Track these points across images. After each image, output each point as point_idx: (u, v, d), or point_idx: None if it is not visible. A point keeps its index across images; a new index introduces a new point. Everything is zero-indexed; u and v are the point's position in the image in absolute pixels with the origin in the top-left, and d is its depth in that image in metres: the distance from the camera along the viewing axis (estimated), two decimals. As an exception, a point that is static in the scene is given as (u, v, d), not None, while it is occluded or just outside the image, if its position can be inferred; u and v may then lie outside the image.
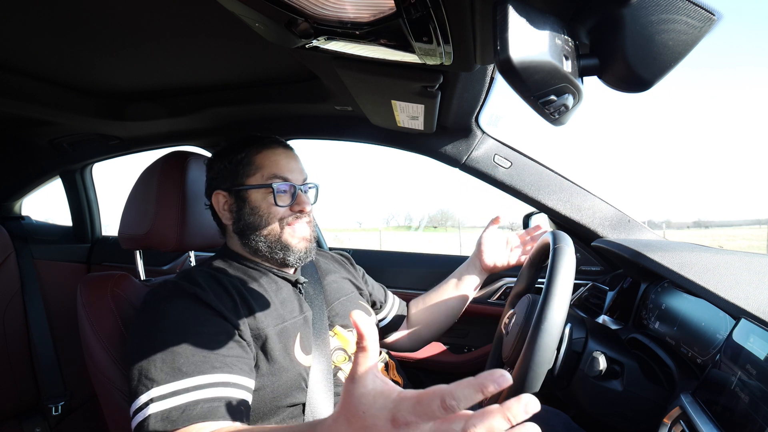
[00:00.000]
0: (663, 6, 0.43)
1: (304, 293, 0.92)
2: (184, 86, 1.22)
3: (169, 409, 0.62)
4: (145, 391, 0.64)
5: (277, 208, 0.88)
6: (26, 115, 1.36)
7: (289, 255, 0.88)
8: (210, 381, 0.65)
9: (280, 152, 0.91)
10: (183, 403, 0.63)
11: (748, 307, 0.60)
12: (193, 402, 0.63)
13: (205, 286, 0.77)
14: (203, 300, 0.74)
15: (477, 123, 1.20)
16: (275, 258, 0.88)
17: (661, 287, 0.95)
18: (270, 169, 0.88)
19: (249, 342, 0.75)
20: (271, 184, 0.87)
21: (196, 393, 0.64)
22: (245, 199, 0.88)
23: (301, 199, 0.90)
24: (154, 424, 0.61)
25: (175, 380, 0.64)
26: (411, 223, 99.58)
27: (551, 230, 0.87)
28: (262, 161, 0.89)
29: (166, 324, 0.71)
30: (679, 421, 0.61)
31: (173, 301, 0.74)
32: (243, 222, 0.89)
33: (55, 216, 2.57)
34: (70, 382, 1.67)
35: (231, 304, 0.77)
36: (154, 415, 0.62)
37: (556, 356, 0.71)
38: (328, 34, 0.61)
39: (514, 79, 0.42)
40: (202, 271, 0.84)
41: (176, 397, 0.63)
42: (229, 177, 0.90)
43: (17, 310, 1.59)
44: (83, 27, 0.85)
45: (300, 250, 0.89)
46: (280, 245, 0.88)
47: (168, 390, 0.64)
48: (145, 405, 0.63)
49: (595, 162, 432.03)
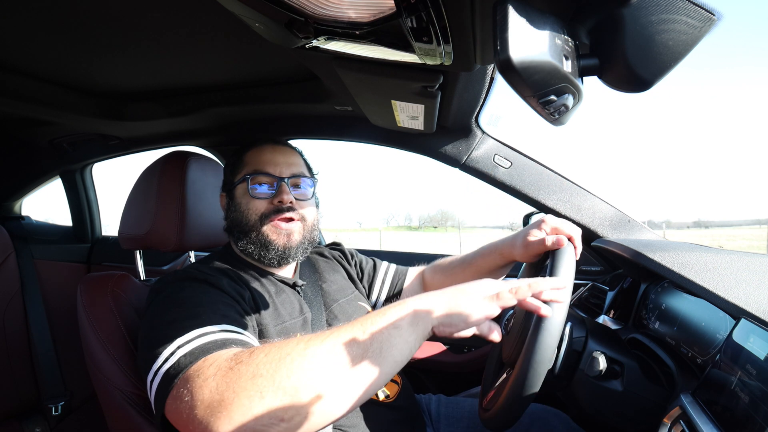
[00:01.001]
0: (663, 6, 0.43)
1: (303, 295, 0.92)
2: (184, 86, 1.22)
3: (199, 345, 0.59)
4: (168, 345, 0.60)
5: (256, 201, 0.86)
6: (26, 115, 1.37)
7: (267, 252, 0.85)
8: (234, 329, 0.65)
9: (266, 148, 0.91)
10: (212, 340, 0.60)
11: (748, 307, 0.60)
12: (223, 339, 0.61)
13: (215, 274, 0.78)
14: (214, 283, 0.74)
15: (477, 123, 1.20)
16: (262, 259, 0.87)
17: (661, 287, 0.95)
18: (252, 165, 0.89)
19: (255, 328, 0.76)
20: (246, 175, 0.87)
21: (223, 334, 0.62)
22: (233, 197, 0.90)
23: (282, 190, 0.86)
24: (184, 360, 0.57)
25: (199, 327, 0.62)
26: (411, 223, 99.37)
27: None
28: (248, 158, 0.91)
29: (183, 296, 0.70)
30: (679, 421, 0.61)
31: (186, 282, 0.74)
32: (229, 220, 0.90)
33: (55, 216, 2.57)
34: (70, 382, 1.67)
35: (238, 292, 0.77)
36: (184, 355, 0.57)
37: (557, 355, 0.71)
38: (328, 34, 0.61)
39: (514, 79, 0.42)
40: (206, 263, 0.85)
41: (204, 337, 0.60)
42: (226, 178, 0.95)
43: (17, 310, 1.59)
44: (83, 27, 0.85)
45: (280, 246, 0.86)
46: (257, 242, 0.86)
47: (193, 335, 0.61)
48: (171, 354, 0.59)
49: (595, 162, 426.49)
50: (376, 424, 0.81)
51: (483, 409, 0.75)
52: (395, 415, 0.87)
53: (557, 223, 0.89)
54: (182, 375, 0.56)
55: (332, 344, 0.54)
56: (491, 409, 0.68)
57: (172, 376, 0.57)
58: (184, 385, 0.54)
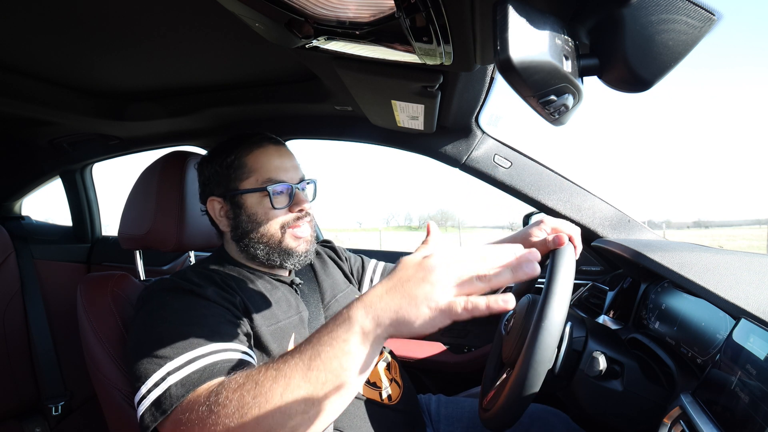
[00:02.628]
0: (663, 6, 0.43)
1: (300, 293, 0.92)
2: (184, 86, 1.22)
3: (188, 374, 0.60)
4: (157, 369, 0.61)
5: (275, 211, 0.85)
6: (26, 115, 1.37)
7: (289, 259, 0.86)
8: (223, 347, 0.64)
9: (272, 151, 0.88)
10: (201, 367, 0.61)
11: (748, 307, 0.60)
12: (212, 363, 0.61)
13: (202, 283, 0.76)
14: (201, 294, 0.74)
15: (477, 123, 1.20)
16: (272, 263, 0.87)
17: (661, 287, 0.95)
18: (264, 172, 0.85)
19: (248, 333, 0.75)
20: (266, 187, 0.83)
21: (212, 356, 0.62)
22: (241, 205, 0.85)
23: (299, 198, 0.86)
24: (176, 390, 0.59)
25: (189, 350, 0.62)
26: (411, 223, 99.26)
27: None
28: (254, 163, 0.85)
29: (168, 311, 0.70)
30: (679, 421, 0.61)
31: (172, 293, 0.74)
32: (241, 229, 0.86)
33: (55, 216, 2.57)
34: (70, 382, 1.67)
35: (227, 299, 0.77)
36: (174, 384, 0.59)
37: (557, 355, 0.71)
38: (328, 34, 0.61)
39: (514, 79, 0.42)
40: (197, 271, 0.82)
41: (193, 363, 0.61)
42: (222, 182, 0.87)
43: (17, 310, 1.59)
44: (83, 27, 0.85)
45: (301, 253, 0.87)
46: (279, 250, 0.85)
47: (183, 360, 0.62)
48: (161, 380, 0.60)
49: (595, 162, 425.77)
50: (376, 425, 0.81)
51: (483, 409, 0.75)
52: (396, 417, 0.87)
53: (556, 222, 0.89)
54: (174, 410, 0.58)
55: (283, 390, 0.51)
56: (491, 409, 0.68)
57: (165, 408, 0.58)
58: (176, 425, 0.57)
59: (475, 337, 1.45)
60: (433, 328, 0.48)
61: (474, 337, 1.45)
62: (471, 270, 0.48)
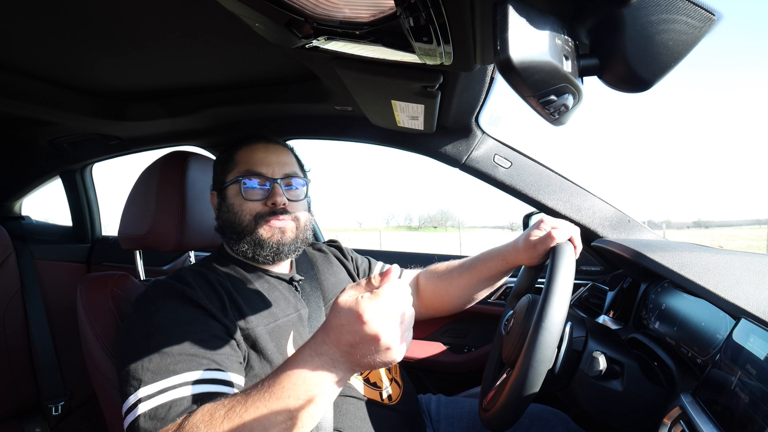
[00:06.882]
0: (663, 6, 0.43)
1: (300, 291, 0.92)
2: (184, 86, 1.22)
3: (156, 407, 0.61)
4: (133, 392, 0.63)
5: (249, 203, 0.86)
6: (26, 115, 1.36)
7: (261, 251, 0.85)
8: (197, 378, 0.64)
9: (259, 147, 0.90)
10: (169, 400, 0.61)
11: (748, 307, 0.60)
12: (180, 399, 0.62)
13: (195, 285, 0.76)
14: (192, 299, 0.73)
15: (477, 123, 1.20)
16: (245, 254, 0.87)
17: (661, 287, 0.95)
18: (244, 165, 0.88)
19: (239, 341, 0.74)
20: (238, 178, 0.86)
21: (182, 389, 0.63)
22: (225, 197, 0.89)
23: (276, 191, 0.86)
24: (144, 423, 0.60)
25: (162, 378, 0.63)
26: (411, 223, 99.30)
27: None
28: (240, 157, 0.89)
29: (153, 325, 0.70)
30: (679, 421, 0.61)
31: (161, 301, 0.73)
32: (221, 220, 0.89)
33: (55, 216, 2.57)
34: (70, 382, 1.67)
35: (219, 303, 0.77)
36: (143, 414, 0.61)
37: (557, 355, 0.71)
38: (328, 34, 0.61)
39: (514, 79, 0.42)
40: (194, 270, 0.82)
41: (163, 394, 0.62)
42: (216, 177, 0.93)
43: (17, 310, 1.59)
44: (83, 27, 0.85)
45: (273, 243, 0.85)
46: (250, 241, 0.85)
47: (155, 389, 0.63)
48: (134, 406, 0.62)
49: (595, 162, 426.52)
50: (376, 425, 0.81)
51: (483, 409, 0.75)
52: (396, 417, 0.87)
53: (556, 222, 0.89)
54: None
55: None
56: (491, 409, 0.68)
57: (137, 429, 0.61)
58: None
59: (475, 337, 1.45)
60: (386, 364, 0.53)
61: (474, 337, 1.45)
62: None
